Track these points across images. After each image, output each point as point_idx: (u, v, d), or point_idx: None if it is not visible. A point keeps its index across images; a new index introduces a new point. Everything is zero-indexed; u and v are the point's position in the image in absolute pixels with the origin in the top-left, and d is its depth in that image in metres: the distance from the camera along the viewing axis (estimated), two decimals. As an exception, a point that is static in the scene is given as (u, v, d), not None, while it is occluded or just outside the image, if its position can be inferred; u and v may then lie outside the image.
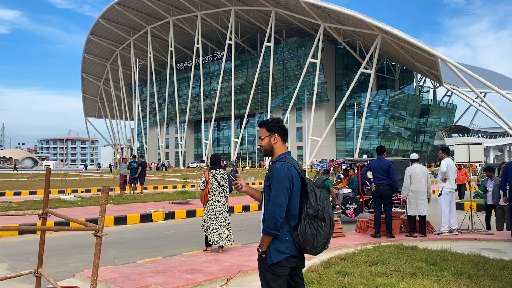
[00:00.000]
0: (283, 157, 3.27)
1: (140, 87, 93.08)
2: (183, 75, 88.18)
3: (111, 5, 77.07)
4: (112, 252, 8.42)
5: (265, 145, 3.35)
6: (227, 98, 78.35)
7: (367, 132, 68.34)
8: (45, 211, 3.94)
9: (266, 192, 3.22)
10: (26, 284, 5.91)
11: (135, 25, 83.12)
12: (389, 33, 52.91)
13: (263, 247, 3.13)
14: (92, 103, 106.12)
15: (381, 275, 5.85)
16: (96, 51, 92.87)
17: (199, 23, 74.41)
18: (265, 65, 70.67)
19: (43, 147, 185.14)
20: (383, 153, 9.45)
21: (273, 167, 3.19)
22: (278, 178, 3.10)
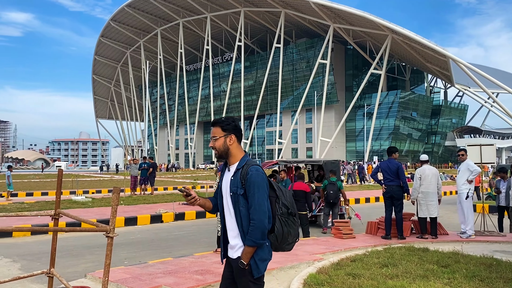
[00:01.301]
0: (249, 161, 3.04)
1: (150, 88, 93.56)
2: (193, 76, 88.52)
3: (122, 7, 77.67)
4: (122, 253, 8.47)
5: (220, 146, 3.04)
6: (236, 99, 78.47)
7: (377, 133, 67.97)
8: (57, 212, 3.98)
9: (237, 200, 2.94)
10: (39, 284, 5.97)
11: (145, 27, 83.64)
12: (400, 34, 52.58)
13: (247, 259, 2.92)
14: (103, 104, 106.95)
15: (392, 277, 5.81)
16: (107, 53, 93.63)
17: (208, 25, 74.65)
18: (275, 66, 70.65)
19: (54, 148, 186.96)
20: (392, 154, 9.39)
21: (249, 173, 2.92)
22: (259, 185, 2.91)
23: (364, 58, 67.13)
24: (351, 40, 63.21)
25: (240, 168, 2.98)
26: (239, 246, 2.99)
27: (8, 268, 7.32)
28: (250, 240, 2.89)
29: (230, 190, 2.97)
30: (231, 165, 3.05)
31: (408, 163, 61.06)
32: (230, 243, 3.03)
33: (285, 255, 7.48)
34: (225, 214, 3.07)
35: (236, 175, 2.97)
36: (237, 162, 3.03)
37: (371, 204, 18.89)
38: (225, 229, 3.11)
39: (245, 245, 2.91)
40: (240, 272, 2.96)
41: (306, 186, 9.98)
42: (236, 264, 2.97)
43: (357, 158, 66.36)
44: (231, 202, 2.98)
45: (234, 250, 3.01)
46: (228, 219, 3.04)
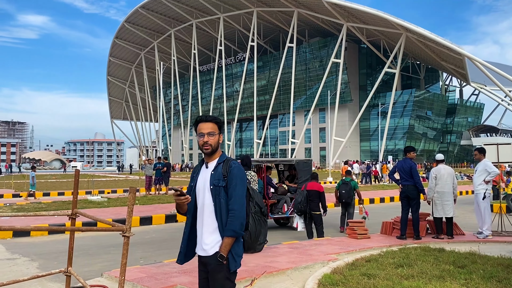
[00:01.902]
0: (229, 158, 3.11)
1: (164, 89, 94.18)
2: (206, 77, 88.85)
3: (136, 8, 78.33)
4: (138, 252, 8.55)
5: (215, 142, 3.07)
6: (249, 99, 78.53)
7: (391, 133, 67.38)
8: (74, 212, 4.04)
9: (218, 192, 2.98)
10: (56, 283, 6.07)
11: (159, 28, 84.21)
12: (414, 32, 52.05)
13: (226, 251, 2.91)
14: (118, 105, 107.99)
15: (407, 278, 5.77)
16: (122, 55, 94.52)
17: (221, 25, 74.84)
18: (288, 65, 70.52)
19: (70, 149, 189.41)
20: (407, 154, 9.30)
21: (232, 166, 3.00)
22: (241, 178, 3.00)
23: (378, 57, 66.61)
24: (365, 39, 62.78)
25: (221, 162, 3.04)
26: (217, 241, 2.98)
27: (27, 267, 7.45)
28: (230, 231, 2.90)
29: (210, 183, 3.00)
30: (210, 162, 3.09)
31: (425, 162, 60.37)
32: (205, 241, 3.01)
33: (299, 255, 7.48)
34: (200, 211, 3.06)
35: (217, 169, 3.02)
36: (216, 159, 3.08)
37: (386, 204, 18.75)
38: (192, 229, 3.13)
39: (224, 237, 2.92)
40: (217, 268, 2.94)
41: (320, 186, 9.95)
42: (214, 260, 2.95)
43: (372, 158, 65.86)
44: (211, 195, 2.99)
45: (210, 246, 2.99)
46: (204, 216, 3.03)
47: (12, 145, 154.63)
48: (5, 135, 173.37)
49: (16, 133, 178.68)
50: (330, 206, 15.42)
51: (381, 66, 65.79)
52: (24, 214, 4.12)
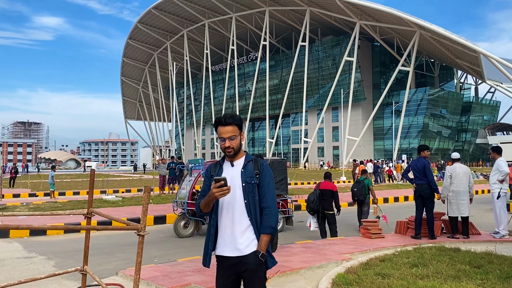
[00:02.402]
0: (254, 156, 3.12)
1: (177, 89, 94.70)
2: (219, 77, 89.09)
3: (149, 9, 78.88)
4: (152, 251, 8.62)
5: (237, 145, 3.00)
6: (261, 98, 78.53)
7: (406, 131, 66.78)
8: (89, 211, 4.09)
9: (251, 190, 2.94)
10: (72, 281, 6.15)
11: (172, 29, 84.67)
12: (428, 30, 51.49)
13: (265, 249, 2.87)
14: (132, 105, 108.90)
15: (422, 277, 5.71)
16: (135, 55, 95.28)
17: (233, 25, 74.96)
18: (300, 64, 70.33)
19: (85, 149, 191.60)
20: (421, 152, 9.22)
21: (263, 164, 3.02)
22: (271, 175, 3.02)
23: (391, 55, 66.05)
24: (378, 37, 62.31)
25: (250, 160, 3.02)
26: (251, 239, 2.90)
27: (43, 265, 7.57)
28: (269, 228, 2.88)
29: (243, 181, 2.93)
30: (236, 160, 3.03)
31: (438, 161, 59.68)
32: (239, 240, 2.90)
33: (312, 254, 7.46)
34: (232, 209, 2.95)
35: (247, 168, 2.98)
36: (242, 157, 3.05)
37: (400, 204, 18.60)
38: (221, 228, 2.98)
39: (262, 234, 2.87)
40: (257, 267, 2.87)
41: (333, 185, 9.91)
42: (253, 259, 2.86)
43: (385, 157, 65.36)
44: (243, 193, 2.93)
45: (245, 246, 2.90)
46: (236, 214, 2.93)
47: (28, 145, 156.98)
48: (21, 135, 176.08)
49: (32, 134, 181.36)
50: (343, 206, 15.36)
51: (394, 64, 65.23)
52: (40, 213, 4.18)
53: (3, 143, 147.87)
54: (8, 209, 14.83)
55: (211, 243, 3.02)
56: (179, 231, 10.37)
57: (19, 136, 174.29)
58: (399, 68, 59.02)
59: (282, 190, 10.99)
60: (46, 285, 6.01)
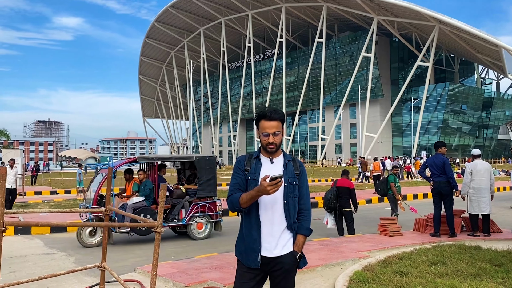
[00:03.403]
0: (292, 156, 3.06)
1: (194, 87, 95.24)
2: (235, 74, 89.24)
3: (166, 8, 79.40)
4: (170, 248, 8.70)
5: (280, 141, 2.90)
6: (278, 96, 78.38)
7: (425, 128, 65.83)
8: (108, 209, 4.15)
9: (292, 190, 2.90)
10: (91, 277, 6.25)
11: (189, 27, 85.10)
12: (447, 24, 50.60)
13: (301, 250, 2.92)
14: (150, 104, 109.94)
15: (442, 276, 5.63)
16: (152, 54, 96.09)
17: (250, 22, 74.93)
18: (317, 61, 69.93)
19: (104, 147, 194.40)
20: (439, 149, 9.07)
21: (302, 165, 3.02)
22: (306, 177, 3.01)
23: (410, 50, 65.13)
24: (396, 32, 61.50)
25: (290, 160, 2.97)
26: (288, 239, 2.89)
27: (64, 261, 7.71)
28: (307, 229, 2.92)
29: (285, 181, 2.86)
30: (276, 157, 2.94)
31: (457, 159, 58.75)
32: (279, 238, 2.87)
33: (329, 252, 7.42)
34: (271, 208, 2.86)
35: (289, 167, 2.92)
36: (281, 155, 2.97)
37: (419, 201, 18.37)
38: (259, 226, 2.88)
39: (300, 235, 2.90)
40: (293, 268, 2.90)
41: (351, 183, 9.85)
42: (290, 259, 2.86)
43: (404, 154, 64.58)
44: (283, 193, 2.86)
45: (283, 245, 2.87)
46: (277, 213, 2.87)
47: (49, 144, 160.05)
48: (42, 134, 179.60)
49: (52, 132, 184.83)
50: (361, 203, 15.23)
51: (413, 59, 64.32)
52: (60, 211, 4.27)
53: (25, 141, 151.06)
54: (29, 206, 15.16)
55: (258, 242, 2.87)
56: (84, 240, 8.95)
57: (40, 134, 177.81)
58: (418, 63, 58.17)
59: (209, 191, 9.97)
60: (66, 281, 6.13)
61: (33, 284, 5.82)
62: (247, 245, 2.91)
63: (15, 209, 13.14)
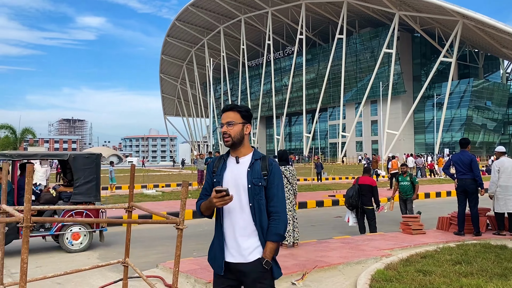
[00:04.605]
0: (263, 154, 2.83)
1: (214, 85, 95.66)
2: (255, 72, 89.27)
3: (186, 6, 79.92)
4: (191, 244, 8.77)
5: (236, 133, 2.74)
6: (298, 93, 78.08)
7: (448, 124, 64.63)
8: (130, 205, 4.20)
9: (257, 192, 2.69)
10: (115, 273, 6.35)
11: (209, 25, 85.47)
12: (471, 18, 49.49)
13: (271, 258, 2.65)
14: (170, 102, 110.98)
15: (466, 275, 5.53)
16: (173, 52, 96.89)
17: (269, 20, 74.78)
18: (337, 58, 69.36)
19: (126, 145, 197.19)
20: (467, 146, 8.88)
21: (272, 164, 2.76)
22: (280, 177, 2.77)
23: (432, 46, 63.97)
24: (418, 28, 60.47)
25: (258, 159, 2.76)
26: (255, 246, 2.68)
27: (88, 257, 7.86)
28: (276, 235, 2.65)
29: (248, 182, 2.69)
30: (242, 157, 2.78)
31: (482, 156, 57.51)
32: (241, 245, 2.69)
33: (351, 250, 7.37)
34: (234, 211, 2.72)
35: (254, 167, 2.72)
36: (250, 153, 2.80)
37: (442, 199, 18.07)
38: (224, 231, 2.78)
39: (268, 241, 2.64)
40: (262, 276, 2.65)
41: (373, 180, 9.75)
42: (257, 267, 2.65)
43: (427, 151, 63.57)
44: (248, 195, 2.69)
45: (249, 252, 2.68)
46: (239, 217, 2.71)
47: (72, 142, 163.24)
48: (66, 132, 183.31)
49: (76, 130, 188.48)
50: (383, 201, 15.07)
51: (436, 55, 63.17)
52: (84, 207, 4.35)
53: (49, 139, 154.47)
54: (55, 202, 15.49)
55: (221, 250, 2.77)
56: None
57: (64, 133, 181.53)
58: (440, 59, 57.08)
59: (89, 195, 8.44)
60: (90, 276, 6.24)
61: (59, 279, 5.95)
62: (214, 250, 2.82)
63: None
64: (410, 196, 10.68)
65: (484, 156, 59.86)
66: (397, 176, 11.20)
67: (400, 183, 10.76)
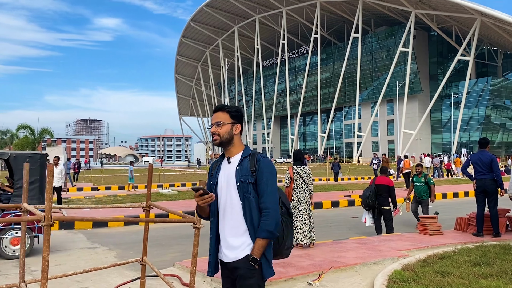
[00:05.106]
0: (254, 151, 2.81)
1: (229, 85, 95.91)
2: (269, 71, 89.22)
3: (201, 7, 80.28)
4: (206, 244, 8.78)
5: (225, 133, 2.76)
6: (313, 92, 77.77)
7: (465, 124, 63.67)
8: (148, 204, 4.24)
9: (246, 190, 2.67)
10: (132, 271, 6.41)
11: (223, 26, 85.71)
12: (490, 16, 48.68)
13: (259, 254, 2.61)
14: (185, 102, 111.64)
15: (486, 277, 5.44)
16: (188, 53, 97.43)
17: (284, 19, 74.66)
18: (353, 57, 68.90)
19: (142, 145, 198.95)
20: (486, 146, 8.73)
21: (260, 159, 2.72)
22: (271, 171, 2.70)
23: (449, 44, 63.09)
24: (435, 26, 59.70)
25: (246, 156, 2.76)
26: (247, 244, 2.67)
27: (105, 255, 7.96)
28: (264, 231, 2.60)
29: (237, 180, 2.69)
30: (232, 156, 2.80)
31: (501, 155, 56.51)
32: (232, 244, 2.70)
33: (367, 250, 7.32)
34: (225, 212, 2.75)
35: (243, 164, 2.73)
36: (239, 153, 2.80)
37: (460, 199, 17.82)
38: (218, 231, 2.80)
39: (258, 238, 2.62)
40: (248, 273, 2.63)
41: (390, 181, 9.66)
42: (244, 264, 2.64)
43: (444, 151, 62.73)
44: (238, 193, 2.69)
45: (240, 250, 2.68)
46: (230, 217, 2.73)
47: (90, 142, 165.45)
48: (83, 132, 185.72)
49: (93, 130, 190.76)
50: (400, 201, 14.91)
51: (453, 54, 62.27)
52: (103, 206, 4.40)
53: (67, 139, 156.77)
54: (72, 202, 15.73)
55: (212, 250, 2.82)
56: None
57: (81, 133, 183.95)
58: (458, 57, 56.26)
59: (32, 197, 7.74)
60: (108, 274, 6.32)
61: (78, 277, 6.04)
62: (209, 252, 2.86)
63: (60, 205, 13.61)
64: (424, 198, 10.24)
65: (503, 156, 58.80)
66: (412, 176, 11.02)
67: (415, 184, 10.42)
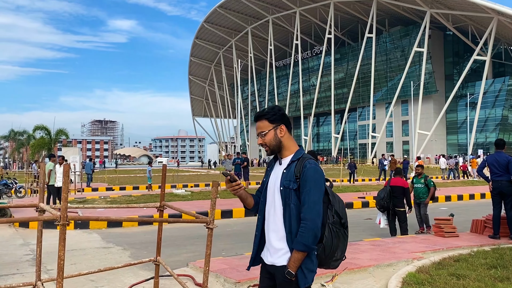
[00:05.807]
0: (305, 155, 2.70)
1: (242, 86, 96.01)
2: (282, 72, 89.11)
3: (214, 8, 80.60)
4: (220, 244, 8.83)
5: (270, 140, 2.71)
6: (326, 93, 77.43)
7: (482, 125, 62.68)
8: (162, 204, 4.27)
9: (288, 195, 2.63)
10: (146, 271, 6.47)
11: (237, 27, 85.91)
12: (507, 15, 47.94)
13: (295, 268, 2.56)
14: (199, 103, 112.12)
15: (502, 280, 5.36)
16: (201, 54, 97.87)
17: (297, 20, 74.52)
18: (367, 57, 68.43)
19: (156, 146, 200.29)
20: (503, 147, 8.59)
21: (306, 166, 2.60)
22: (316, 181, 2.58)
23: (465, 44, 62.27)
24: (451, 25, 58.99)
25: (295, 160, 2.67)
26: (285, 251, 2.64)
27: (120, 255, 8.04)
28: (300, 244, 2.54)
29: (281, 184, 2.65)
30: (283, 158, 2.74)
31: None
32: (274, 246, 2.69)
33: (381, 252, 7.26)
34: (269, 213, 2.74)
35: (290, 168, 2.66)
36: (291, 155, 2.72)
37: (475, 201, 17.57)
38: (263, 231, 2.81)
39: (294, 250, 2.56)
40: (285, 284, 2.62)
41: (405, 182, 9.58)
42: (281, 274, 2.62)
43: (460, 152, 61.88)
44: (280, 198, 2.66)
45: (278, 256, 2.67)
46: (272, 219, 2.71)
47: (104, 142, 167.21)
48: (98, 133, 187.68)
49: (108, 131, 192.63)
50: (413, 202, 14.78)
51: (469, 53, 61.46)
52: (117, 206, 4.44)
53: (82, 140, 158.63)
54: (87, 202, 15.91)
55: (255, 246, 2.82)
56: None
57: (96, 133, 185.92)
58: (474, 57, 55.50)
59: None
60: (123, 273, 6.38)
61: (92, 276, 6.11)
62: (253, 244, 2.89)
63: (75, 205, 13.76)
64: (423, 199, 10.03)
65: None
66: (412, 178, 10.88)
67: (414, 186, 10.18)
